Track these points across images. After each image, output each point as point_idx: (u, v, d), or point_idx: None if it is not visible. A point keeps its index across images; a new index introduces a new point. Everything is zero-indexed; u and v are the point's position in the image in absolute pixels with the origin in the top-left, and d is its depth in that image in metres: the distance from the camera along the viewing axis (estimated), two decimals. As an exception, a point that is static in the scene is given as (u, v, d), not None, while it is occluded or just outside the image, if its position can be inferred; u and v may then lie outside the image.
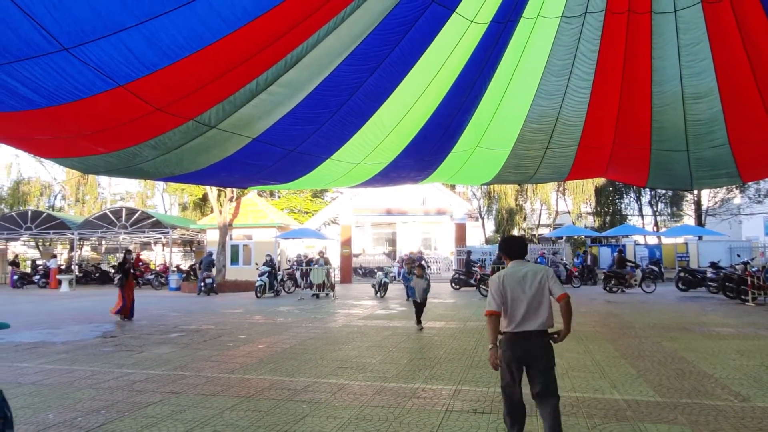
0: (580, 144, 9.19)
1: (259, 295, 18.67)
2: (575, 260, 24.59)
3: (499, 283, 3.86)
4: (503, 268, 4.04)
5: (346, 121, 7.68)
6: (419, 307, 10.57)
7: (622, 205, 37.43)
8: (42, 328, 11.13)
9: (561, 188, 36.62)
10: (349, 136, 8.18)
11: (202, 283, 20.28)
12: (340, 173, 9.83)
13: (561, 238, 28.90)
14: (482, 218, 39.41)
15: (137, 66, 5.06)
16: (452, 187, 33.86)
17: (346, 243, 28.31)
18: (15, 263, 29.15)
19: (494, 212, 38.82)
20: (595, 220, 37.09)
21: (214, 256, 22.42)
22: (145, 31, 4.64)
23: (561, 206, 38.54)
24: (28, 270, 29.02)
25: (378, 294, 18.04)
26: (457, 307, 14.67)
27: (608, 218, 35.86)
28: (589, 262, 21.94)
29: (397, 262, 25.71)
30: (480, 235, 39.65)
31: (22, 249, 37.51)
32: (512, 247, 4.06)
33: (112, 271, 26.06)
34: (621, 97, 8.00)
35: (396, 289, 21.00)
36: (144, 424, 4.75)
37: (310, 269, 19.04)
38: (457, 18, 6.26)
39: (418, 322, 10.50)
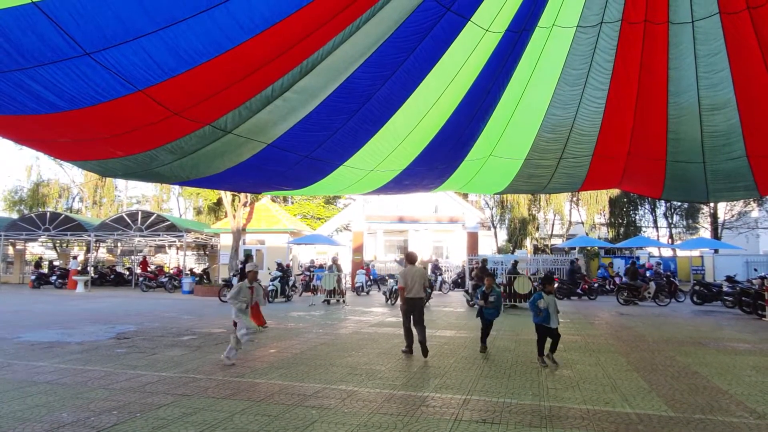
0: (594, 154, 9.14)
1: (270, 300, 18.75)
2: (598, 272, 24.44)
3: (405, 273, 8.53)
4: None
5: (359, 128, 7.73)
6: (487, 328, 9.03)
7: (637, 217, 37.09)
8: (58, 328, 11.27)
9: (574, 198, 36.38)
10: (363, 143, 8.22)
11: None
12: (353, 180, 9.87)
13: (574, 248, 28.67)
14: (495, 227, 39.22)
15: (156, 71, 5.15)
16: (465, 195, 33.79)
17: (358, 250, 28.34)
18: (38, 264, 29.59)
19: (507, 222, 38.63)
20: (608, 232, 36.76)
21: (248, 265, 22.10)
22: (164, 36, 4.73)
23: (574, 217, 38.27)
24: (45, 270, 29.39)
25: (389, 301, 18.01)
26: (468, 316, 14.60)
27: (622, 229, 35.53)
28: (584, 272, 21.69)
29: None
30: (492, 245, 39.48)
31: (40, 250, 38.04)
32: (411, 259, 8.96)
33: (127, 273, 25.81)
34: (636, 108, 7.95)
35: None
36: (155, 425, 4.79)
37: (313, 274, 19.11)
38: (472, 27, 6.29)
39: (483, 346, 8.98)
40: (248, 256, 11.81)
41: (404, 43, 6.21)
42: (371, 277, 24.85)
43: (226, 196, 24.60)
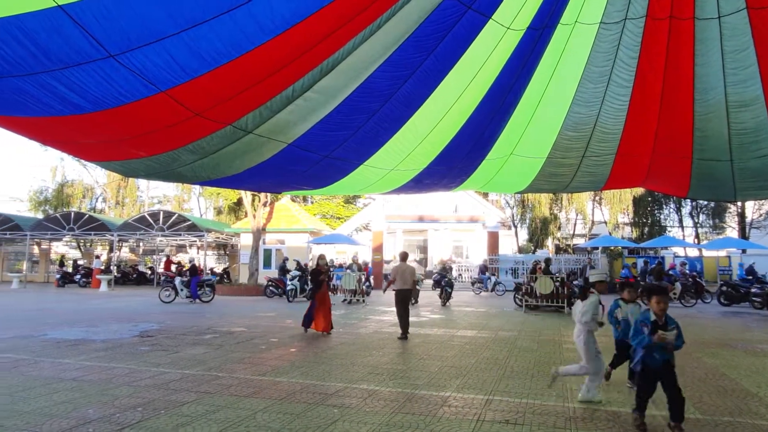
0: (617, 152, 9.00)
1: (290, 299, 18.87)
2: (621, 272, 24.08)
3: (397, 269, 10.43)
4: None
5: (380, 128, 7.72)
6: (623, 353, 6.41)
7: (662, 216, 36.43)
8: (82, 326, 11.48)
9: (597, 198, 35.87)
10: (383, 143, 8.21)
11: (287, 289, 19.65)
12: (373, 179, 9.87)
13: (597, 248, 28.30)
14: (515, 227, 38.90)
15: (178, 72, 5.20)
16: (485, 195, 33.59)
17: (378, 249, 28.36)
18: (62, 263, 30.24)
19: (528, 221, 38.25)
20: (632, 231, 36.18)
21: (288, 264, 21.96)
22: (186, 38, 4.77)
23: (597, 216, 37.75)
24: (70, 269, 29.98)
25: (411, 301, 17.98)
26: (488, 316, 14.51)
27: (646, 229, 34.93)
28: (587, 274, 20.88)
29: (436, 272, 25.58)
30: (513, 244, 39.17)
31: (64, 249, 38.81)
32: (403, 257, 10.76)
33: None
34: (662, 105, 7.80)
35: (426, 296, 20.90)
36: (179, 422, 4.84)
37: (333, 274, 19.14)
38: (493, 25, 6.23)
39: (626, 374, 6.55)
40: (321, 256, 11.49)
41: (424, 43, 6.18)
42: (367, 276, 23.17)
43: (247, 196, 24.81)
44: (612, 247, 27.65)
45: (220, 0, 4.48)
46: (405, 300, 10.47)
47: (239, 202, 34.06)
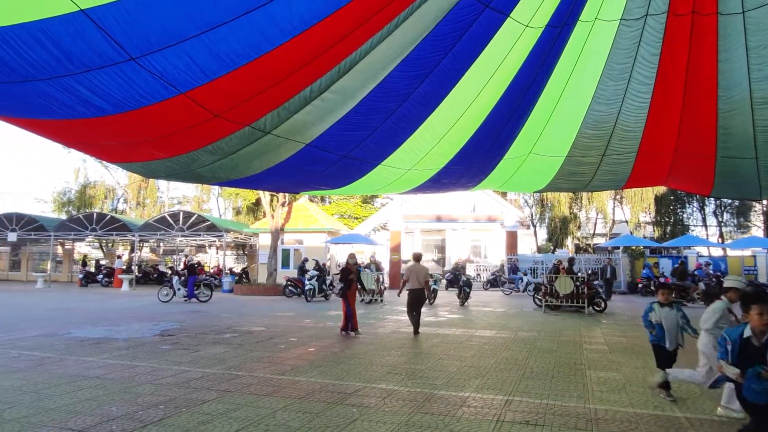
0: (639, 150, 8.87)
1: (309, 299, 18.96)
2: (643, 272, 23.73)
3: (410, 269, 10.70)
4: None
5: (397, 128, 7.71)
6: (668, 357, 6.10)
7: (684, 215, 35.84)
8: (105, 324, 11.67)
9: (618, 196, 35.40)
10: (401, 142, 8.20)
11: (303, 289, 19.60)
12: (391, 179, 9.87)
13: (617, 248, 27.94)
14: (534, 226, 38.59)
15: (198, 74, 5.25)
16: (503, 194, 33.39)
17: (396, 249, 28.35)
18: (84, 263, 30.80)
19: (547, 220, 37.93)
20: (654, 230, 35.64)
21: (307, 264, 21.95)
22: (206, 40, 4.82)
23: (618, 215, 37.27)
24: (92, 269, 30.51)
25: (427, 301, 17.94)
26: (507, 317, 14.41)
27: (669, 228, 34.39)
28: (608, 275, 20.29)
29: (449, 272, 25.47)
30: (532, 244, 38.86)
31: (87, 249, 39.51)
32: (416, 257, 11.13)
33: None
34: (684, 102, 7.67)
35: (444, 296, 20.84)
36: (200, 420, 4.89)
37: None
38: (512, 23, 6.18)
39: (665, 385, 5.89)
40: (351, 255, 11.40)
41: (442, 42, 6.15)
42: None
43: (265, 196, 24.98)
44: (633, 247, 27.25)
45: (239, 2, 4.51)
46: (418, 299, 10.73)
47: (258, 203, 34.32)
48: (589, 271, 19.30)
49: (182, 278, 18.82)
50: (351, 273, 10.80)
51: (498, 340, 10.00)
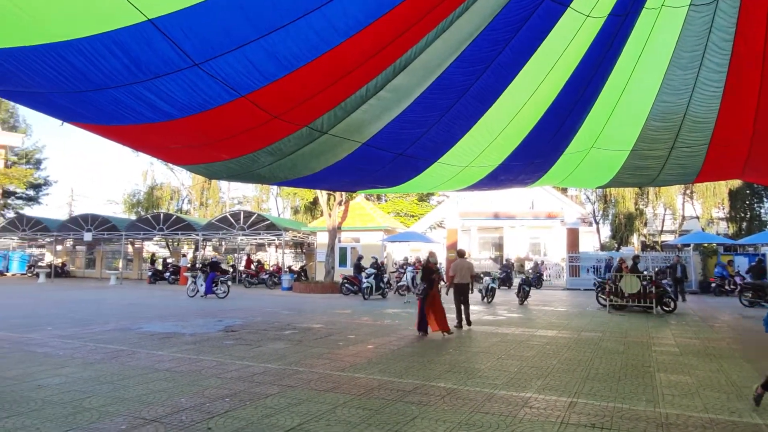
0: (711, 142, 8.39)
1: (366, 296, 19.12)
2: (716, 270, 22.49)
3: (456, 265, 11.41)
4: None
5: (453, 124, 7.64)
6: None
7: (762, 210, 33.65)
8: (173, 320, 12.20)
9: (688, 191, 33.69)
10: (457, 139, 8.12)
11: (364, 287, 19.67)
12: (448, 176, 9.79)
13: (688, 245, 26.57)
14: (597, 223, 37.34)
15: (257, 77, 5.39)
16: (564, 190, 32.47)
17: (452, 247, 28.13)
18: (153, 261, 32.35)
19: (610, 217, 36.60)
20: (728, 227, 33.66)
21: (362, 261, 22.11)
22: (265, 44, 4.94)
23: (688, 211, 35.46)
24: (160, 267, 31.98)
25: (485, 299, 17.72)
26: (569, 316, 14.00)
27: (744, 224, 32.39)
28: (678, 274, 19.06)
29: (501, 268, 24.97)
30: (594, 241, 37.60)
31: (154, 248, 41.42)
32: (461, 254, 11.96)
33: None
34: (761, 89, 7.18)
35: (501, 295, 20.50)
36: (264, 413, 5.02)
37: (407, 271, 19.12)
38: (572, 13, 5.99)
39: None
40: (431, 253, 11.38)
41: (499, 36, 6.04)
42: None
43: (322, 195, 25.37)
44: (705, 244, 25.83)
45: (297, 5, 4.59)
46: (463, 293, 11.45)
47: (315, 202, 34.94)
48: (656, 269, 18.38)
49: (203, 274, 19.55)
50: (433, 272, 10.42)
51: (560, 340, 9.73)
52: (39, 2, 3.98)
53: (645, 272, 15.50)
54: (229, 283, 20.15)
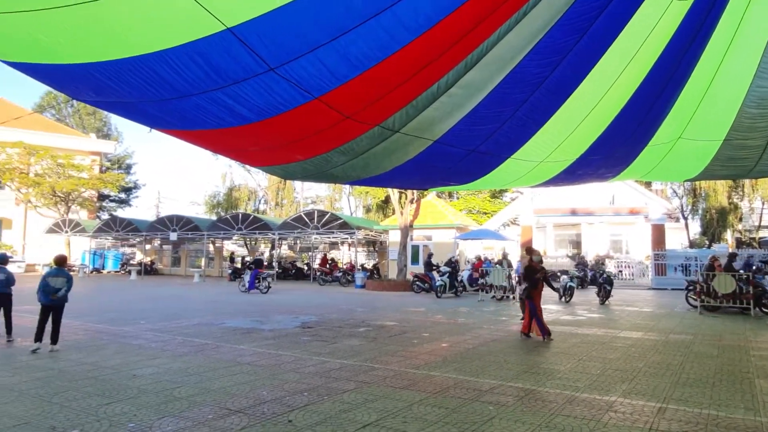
0: (817, 128, 7.67)
1: (439, 295, 19.03)
2: None
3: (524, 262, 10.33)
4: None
5: (528, 119, 7.43)
6: None
7: None
8: (252, 316, 12.69)
9: (788, 182, 30.97)
10: (532, 134, 7.89)
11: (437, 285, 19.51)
12: (522, 172, 9.55)
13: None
14: (685, 219, 35.13)
15: (330, 79, 5.49)
16: (647, 184, 30.82)
17: (527, 245, 27.42)
18: (232, 260, 33.87)
19: (700, 212, 34.33)
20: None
21: (432, 258, 22.31)
22: (337, 46, 5.02)
23: (788, 204, 32.63)
24: (239, 266, 33.40)
25: (563, 299, 17.13)
26: (656, 317, 13.26)
27: None
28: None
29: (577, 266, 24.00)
30: (682, 238, 35.41)
31: (233, 247, 43.30)
32: (529, 251, 10.39)
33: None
34: None
35: (580, 294, 19.74)
36: (341, 408, 5.11)
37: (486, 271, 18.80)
38: (656, -4, 5.65)
39: None
40: (528, 249, 11.22)
41: (576, 24, 5.80)
42: (485, 272, 19.10)
43: (394, 194, 25.50)
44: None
45: (367, 6, 4.63)
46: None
47: (387, 200, 35.21)
48: (754, 267, 17.02)
49: (248, 271, 20.77)
50: (537, 272, 9.82)
51: (646, 342, 9.23)
52: (128, 17, 4.25)
53: (741, 271, 14.37)
54: (270, 279, 21.14)
